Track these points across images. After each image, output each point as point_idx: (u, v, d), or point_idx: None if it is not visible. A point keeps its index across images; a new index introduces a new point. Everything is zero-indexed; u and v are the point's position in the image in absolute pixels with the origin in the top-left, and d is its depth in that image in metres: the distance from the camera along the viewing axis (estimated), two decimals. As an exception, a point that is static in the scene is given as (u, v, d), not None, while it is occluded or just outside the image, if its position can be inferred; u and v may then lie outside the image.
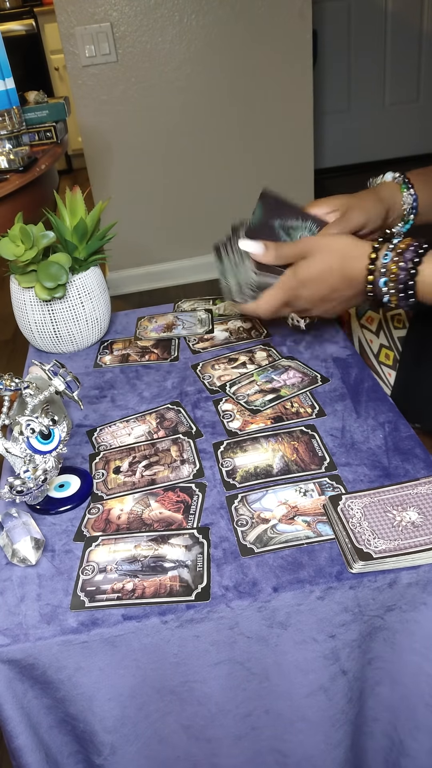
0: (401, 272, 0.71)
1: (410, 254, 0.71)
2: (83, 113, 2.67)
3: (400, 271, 0.71)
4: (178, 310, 1.14)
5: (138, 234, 2.88)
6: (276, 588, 0.62)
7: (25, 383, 0.73)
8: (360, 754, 0.75)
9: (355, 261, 0.75)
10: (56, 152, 1.78)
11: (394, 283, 0.71)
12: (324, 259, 0.78)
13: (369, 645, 0.67)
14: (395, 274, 0.71)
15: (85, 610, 0.63)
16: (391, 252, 0.72)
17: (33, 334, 1.03)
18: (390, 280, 0.72)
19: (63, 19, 2.51)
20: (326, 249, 0.78)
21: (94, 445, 0.84)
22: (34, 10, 4.29)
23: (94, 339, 1.06)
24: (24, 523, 0.70)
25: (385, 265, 0.72)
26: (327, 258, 0.78)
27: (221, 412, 0.86)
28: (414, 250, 0.71)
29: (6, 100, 1.55)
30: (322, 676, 0.66)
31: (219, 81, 2.69)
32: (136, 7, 2.52)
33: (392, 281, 0.71)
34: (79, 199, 1.00)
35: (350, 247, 0.76)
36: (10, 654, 0.61)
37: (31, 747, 0.65)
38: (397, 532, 0.64)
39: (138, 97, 2.66)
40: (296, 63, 2.71)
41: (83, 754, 0.69)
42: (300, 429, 0.81)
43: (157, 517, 0.72)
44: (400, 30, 3.67)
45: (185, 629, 0.62)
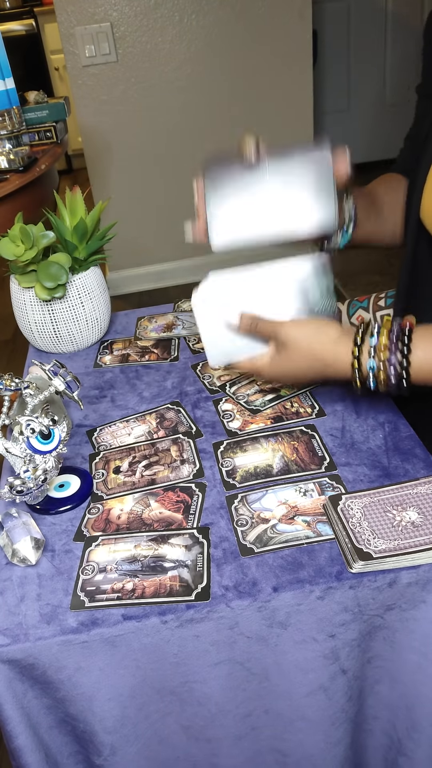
0: (391, 377, 0.69)
1: (395, 357, 0.69)
2: (83, 113, 2.67)
3: (390, 376, 0.69)
4: (178, 310, 1.14)
5: (138, 234, 2.88)
6: (276, 588, 0.62)
7: (25, 383, 0.73)
8: (359, 752, 0.75)
9: (337, 367, 0.73)
10: (56, 152, 1.78)
11: (384, 386, 0.70)
12: (301, 359, 0.75)
13: (369, 644, 0.67)
14: (384, 381, 0.70)
15: (85, 610, 0.63)
16: (373, 359, 0.70)
17: (33, 334, 1.03)
18: (379, 384, 0.71)
19: (63, 19, 2.51)
20: (304, 350, 0.74)
21: (94, 445, 0.84)
22: (34, 10, 4.28)
23: (94, 339, 1.06)
24: (24, 523, 0.70)
25: (372, 375, 0.70)
26: (304, 359, 0.75)
27: (221, 412, 0.86)
28: (397, 349, 0.69)
29: (6, 100, 1.55)
30: (322, 675, 0.66)
31: (219, 81, 2.69)
32: (136, 7, 2.52)
33: (382, 384, 0.70)
34: (79, 199, 1.00)
35: (331, 352, 0.73)
36: (10, 654, 0.61)
37: (31, 747, 0.65)
38: (396, 531, 0.64)
39: (138, 97, 2.66)
40: (296, 63, 2.71)
41: (83, 754, 0.69)
42: (300, 429, 0.81)
43: (157, 517, 0.72)
44: (400, 30, 3.67)
45: (185, 629, 0.62)
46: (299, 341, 0.74)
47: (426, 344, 0.69)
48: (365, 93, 3.85)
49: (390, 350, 0.69)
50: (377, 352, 0.70)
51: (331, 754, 0.71)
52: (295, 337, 0.74)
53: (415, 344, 0.69)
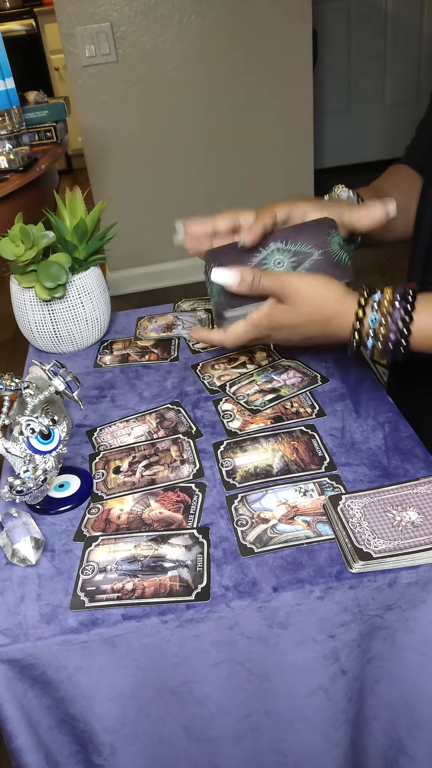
0: (391, 334, 0.69)
1: (397, 314, 0.69)
2: (83, 113, 2.67)
3: (390, 332, 0.69)
4: (178, 310, 1.14)
5: (138, 234, 2.89)
6: (276, 588, 0.62)
7: (25, 383, 0.73)
8: (359, 753, 0.75)
9: (339, 321, 0.72)
10: (56, 152, 1.78)
11: (383, 345, 0.70)
12: (303, 310, 0.74)
13: (369, 644, 0.67)
14: (384, 337, 0.69)
15: (84, 609, 0.63)
16: (376, 313, 0.70)
17: (33, 334, 1.03)
18: (378, 341, 0.70)
19: (63, 19, 2.51)
20: (307, 299, 0.73)
21: (94, 445, 0.84)
22: (34, 10, 4.29)
23: (94, 339, 1.06)
24: (24, 523, 0.70)
25: (372, 329, 0.70)
26: (307, 310, 0.74)
27: (221, 412, 0.86)
28: (401, 307, 0.69)
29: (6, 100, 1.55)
30: (322, 675, 0.66)
31: (219, 81, 2.69)
32: (136, 7, 2.52)
33: (381, 342, 0.70)
34: (79, 199, 1.00)
35: (333, 304, 0.72)
36: (10, 654, 0.61)
37: (31, 747, 0.65)
38: (396, 532, 0.64)
39: (138, 97, 2.66)
40: (296, 63, 2.71)
41: (83, 754, 0.69)
42: (300, 429, 0.81)
43: (157, 517, 0.72)
44: (400, 30, 3.68)
45: (185, 629, 0.62)
46: (303, 292, 0.73)
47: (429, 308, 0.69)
48: (365, 93, 3.86)
49: (393, 306, 0.69)
50: (380, 307, 0.70)
51: (331, 755, 0.71)
52: (300, 285, 0.73)
53: (418, 305, 0.69)
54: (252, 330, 0.78)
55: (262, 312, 0.76)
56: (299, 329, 0.76)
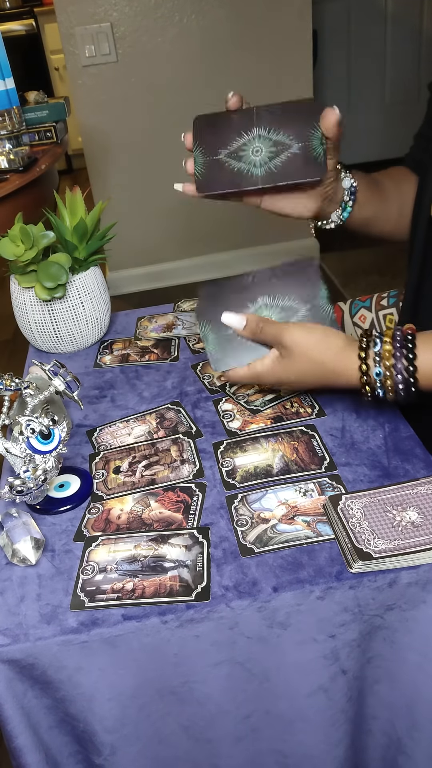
0: (399, 384, 0.70)
1: (400, 364, 0.69)
2: (83, 113, 2.67)
3: (397, 383, 0.70)
4: (178, 310, 1.14)
5: (138, 234, 2.88)
6: (276, 588, 0.62)
7: (25, 383, 0.73)
8: (359, 753, 0.75)
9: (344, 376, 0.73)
10: (56, 152, 1.78)
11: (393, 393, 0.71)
12: (304, 367, 0.74)
13: (369, 644, 0.67)
14: (392, 387, 0.70)
15: (85, 610, 0.63)
16: (379, 366, 0.70)
17: (33, 334, 1.03)
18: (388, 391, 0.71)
19: (63, 19, 2.51)
20: (307, 356, 0.73)
21: (94, 445, 0.84)
22: (34, 10, 4.29)
23: (94, 339, 1.06)
24: (24, 523, 0.70)
25: (379, 382, 0.70)
26: (308, 367, 0.74)
27: (221, 412, 0.86)
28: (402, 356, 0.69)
29: (6, 100, 1.55)
30: (322, 675, 0.66)
31: (219, 81, 2.69)
32: (136, 7, 2.52)
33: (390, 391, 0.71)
34: (79, 199, 1.00)
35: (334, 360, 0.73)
36: (10, 654, 0.61)
37: (31, 747, 0.65)
38: (397, 532, 0.64)
39: (138, 97, 2.66)
40: (296, 63, 2.71)
41: (83, 754, 0.69)
42: (300, 429, 0.81)
43: (157, 517, 0.72)
44: (400, 30, 3.67)
45: (185, 629, 0.62)
46: (304, 345, 0.74)
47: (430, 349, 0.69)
48: (365, 93, 3.85)
49: (395, 357, 0.69)
50: (382, 359, 0.70)
51: (332, 755, 0.71)
52: (301, 341, 0.74)
53: (419, 349, 0.69)
54: (254, 378, 0.79)
55: (264, 365, 0.77)
56: (301, 383, 0.78)
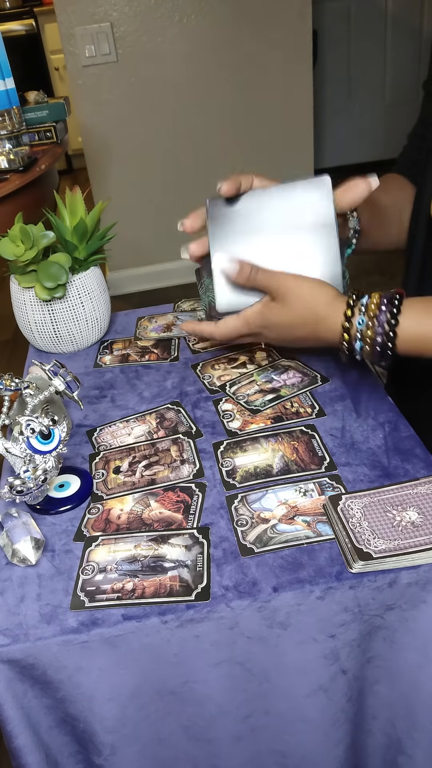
0: (377, 336, 0.70)
1: (384, 317, 0.70)
2: (83, 113, 2.67)
3: (377, 335, 0.70)
4: (178, 310, 1.14)
5: (138, 234, 2.89)
6: (276, 588, 0.62)
7: (25, 383, 0.73)
8: (359, 753, 0.75)
9: (329, 323, 0.74)
10: (56, 152, 1.78)
11: (370, 348, 0.71)
12: (295, 311, 0.76)
13: (369, 644, 0.67)
14: (371, 339, 0.71)
15: (85, 610, 0.63)
16: (363, 316, 0.71)
17: (33, 334, 1.03)
18: (366, 344, 0.72)
19: (63, 19, 2.51)
20: (299, 300, 0.75)
21: (94, 445, 0.84)
22: (34, 10, 4.29)
23: (94, 339, 1.06)
24: (24, 523, 0.70)
25: (360, 331, 0.71)
26: (298, 311, 0.75)
27: (221, 412, 0.86)
28: (387, 310, 0.70)
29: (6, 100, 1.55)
30: (322, 675, 0.66)
31: (219, 81, 2.69)
32: (136, 7, 2.52)
33: (368, 345, 0.71)
34: (79, 199, 1.00)
35: (324, 307, 0.74)
36: (10, 654, 0.61)
37: (31, 747, 0.65)
38: (397, 532, 0.64)
39: (138, 97, 2.66)
40: (296, 63, 2.71)
41: (83, 754, 0.69)
42: (300, 429, 0.81)
43: (157, 517, 0.72)
44: (400, 30, 3.68)
45: (185, 629, 0.62)
46: (296, 292, 0.75)
47: (415, 312, 0.70)
48: (365, 93, 3.86)
49: (380, 309, 0.71)
50: (367, 310, 0.71)
51: (332, 755, 0.71)
52: (293, 287, 0.75)
53: (404, 309, 0.70)
54: (243, 326, 0.79)
55: (255, 309, 0.78)
56: (290, 329, 0.77)
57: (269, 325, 0.78)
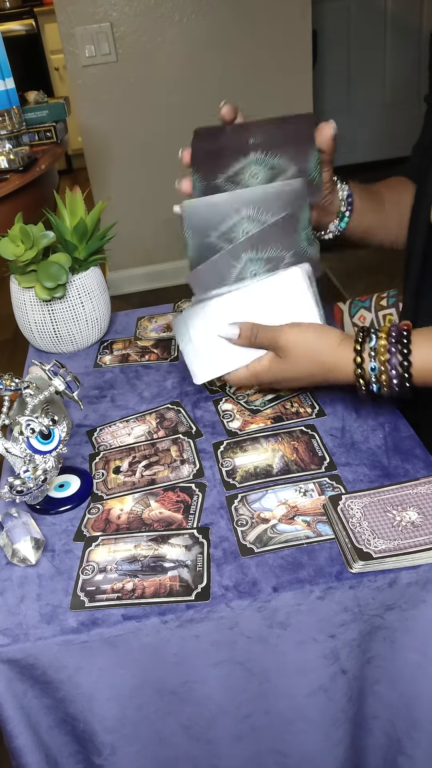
0: (393, 379, 0.70)
1: (395, 359, 0.69)
2: (83, 113, 2.67)
3: (392, 378, 0.70)
4: (178, 310, 1.14)
5: (138, 234, 2.88)
6: (276, 588, 0.62)
7: (25, 383, 0.73)
8: (359, 752, 0.75)
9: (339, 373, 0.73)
10: (56, 152, 1.78)
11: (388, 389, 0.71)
12: (302, 364, 0.75)
13: (369, 644, 0.67)
14: (387, 382, 0.70)
15: (85, 610, 0.63)
16: (374, 362, 0.70)
17: (33, 334, 1.03)
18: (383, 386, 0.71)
19: (63, 19, 2.51)
20: (303, 354, 0.74)
21: (94, 445, 0.84)
22: (34, 10, 4.29)
23: (94, 339, 1.06)
24: (24, 523, 0.70)
25: (374, 377, 0.71)
26: (306, 364, 0.74)
27: (221, 412, 0.86)
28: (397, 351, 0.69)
29: (6, 100, 1.55)
30: (322, 675, 0.66)
31: (219, 81, 2.69)
32: (136, 7, 2.52)
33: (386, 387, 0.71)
34: (79, 199, 1.00)
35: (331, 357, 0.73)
36: (10, 654, 0.61)
37: (31, 747, 0.65)
38: (396, 532, 0.64)
39: (138, 97, 2.66)
40: (296, 63, 2.71)
41: (83, 754, 0.69)
42: (300, 429, 0.81)
43: (157, 517, 0.72)
44: (400, 30, 3.67)
45: (185, 629, 0.62)
46: (301, 345, 0.74)
47: (425, 346, 0.69)
48: (365, 93, 3.85)
49: (390, 352, 0.70)
50: (377, 354, 0.70)
51: (332, 755, 0.71)
52: (296, 341, 0.74)
53: (414, 345, 0.69)
54: (253, 378, 0.79)
55: (263, 365, 0.77)
56: (301, 381, 0.78)
57: (279, 379, 0.78)
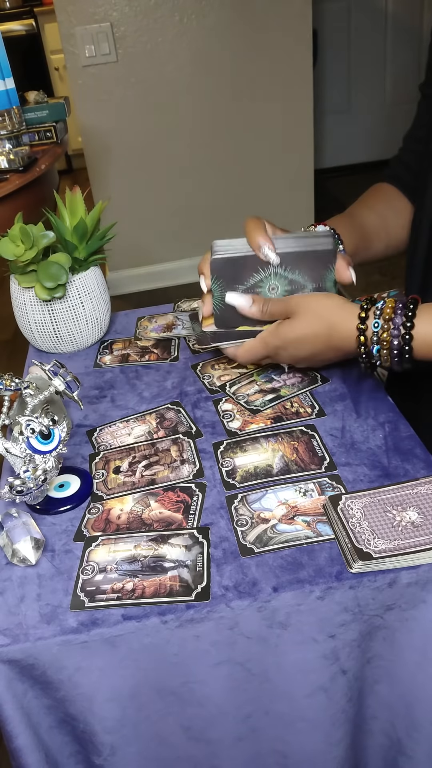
0: (394, 339, 0.70)
1: (399, 319, 0.70)
2: (83, 113, 2.67)
3: (393, 338, 0.70)
4: (178, 310, 1.14)
5: (138, 234, 2.89)
6: (276, 588, 0.62)
7: (25, 383, 0.73)
8: (359, 753, 0.75)
9: (342, 330, 0.75)
10: (56, 152, 1.78)
11: (388, 351, 0.71)
12: (307, 321, 0.77)
13: (368, 644, 0.67)
14: (387, 342, 0.71)
15: (85, 610, 0.63)
16: (379, 319, 0.71)
17: (33, 334, 1.03)
18: (383, 348, 0.72)
19: (63, 19, 2.51)
20: (310, 311, 0.77)
21: (94, 445, 0.84)
22: (34, 10, 4.29)
23: (94, 339, 1.06)
24: (24, 523, 0.70)
25: (376, 334, 0.72)
26: (311, 321, 0.77)
27: (221, 412, 0.86)
28: (402, 313, 0.70)
29: (6, 100, 1.55)
30: (323, 676, 0.66)
31: (219, 81, 2.69)
32: (136, 7, 2.52)
33: (385, 349, 0.71)
34: (79, 199, 1.00)
35: (337, 315, 0.75)
36: (10, 654, 0.61)
37: (31, 747, 0.65)
38: (396, 532, 0.64)
39: (138, 97, 2.66)
40: (296, 63, 2.71)
41: (83, 754, 0.69)
42: (300, 429, 0.81)
43: (157, 517, 0.72)
44: (400, 30, 3.68)
45: (185, 629, 0.62)
46: (310, 303, 0.77)
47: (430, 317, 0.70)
48: (365, 93, 3.86)
49: (395, 312, 0.71)
50: (383, 313, 0.72)
51: (332, 755, 0.71)
52: (306, 300, 0.78)
53: (419, 313, 0.71)
54: (261, 346, 0.82)
55: (270, 329, 0.80)
56: (305, 343, 0.79)
57: (285, 342, 0.79)
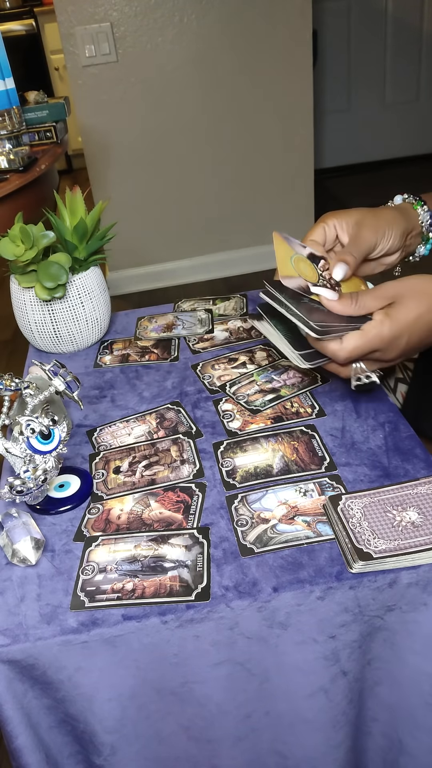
0: None
1: None
2: (83, 113, 2.67)
3: None
4: (178, 310, 1.14)
5: (138, 234, 2.88)
6: (276, 588, 0.62)
7: (25, 383, 0.73)
8: (359, 755, 0.75)
9: None
10: (56, 152, 1.78)
11: None
12: (420, 302, 0.69)
13: (369, 645, 0.67)
14: None
15: (85, 610, 0.63)
16: None
17: (33, 334, 1.03)
18: None
19: (63, 19, 2.51)
20: (420, 292, 0.69)
21: (94, 445, 0.84)
22: (34, 10, 4.29)
23: (94, 339, 1.06)
24: (24, 523, 0.70)
25: None
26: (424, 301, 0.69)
27: (221, 412, 0.86)
28: None
29: (6, 100, 1.55)
30: (323, 676, 0.66)
31: (219, 81, 2.69)
32: (136, 7, 2.52)
33: None
34: (79, 199, 1.00)
35: None
36: (10, 654, 0.61)
37: (31, 747, 0.65)
38: (397, 532, 0.64)
39: (138, 97, 2.66)
40: (296, 63, 2.71)
41: (83, 754, 0.69)
42: (300, 429, 0.81)
43: (157, 517, 0.72)
44: (400, 30, 3.67)
45: (185, 629, 0.62)
46: (410, 287, 0.70)
47: None
48: (365, 93, 3.85)
49: None
50: None
51: (332, 757, 0.71)
52: (399, 286, 0.70)
53: None
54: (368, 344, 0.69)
55: (379, 317, 0.70)
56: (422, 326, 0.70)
57: (401, 328, 0.69)
